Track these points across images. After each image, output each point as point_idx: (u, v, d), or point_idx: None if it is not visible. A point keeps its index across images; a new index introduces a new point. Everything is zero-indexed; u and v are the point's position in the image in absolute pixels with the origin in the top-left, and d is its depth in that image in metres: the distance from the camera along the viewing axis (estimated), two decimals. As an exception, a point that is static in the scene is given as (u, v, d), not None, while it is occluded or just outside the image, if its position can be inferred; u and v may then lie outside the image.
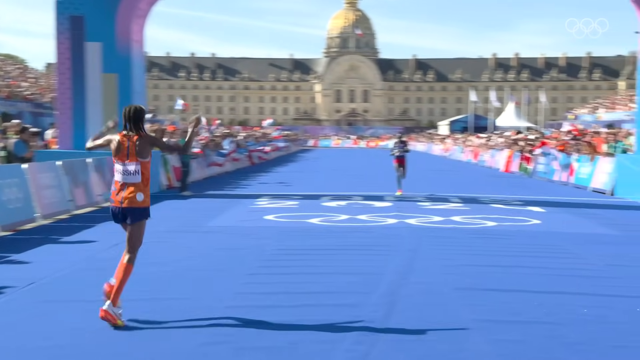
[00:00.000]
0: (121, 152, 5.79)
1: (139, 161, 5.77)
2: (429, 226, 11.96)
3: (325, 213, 13.70)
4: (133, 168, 5.75)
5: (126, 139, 5.80)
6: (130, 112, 5.83)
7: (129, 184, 5.77)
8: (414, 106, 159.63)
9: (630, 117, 54.20)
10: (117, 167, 5.81)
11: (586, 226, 12.25)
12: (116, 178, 5.84)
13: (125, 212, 5.77)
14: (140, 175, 5.78)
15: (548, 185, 22.71)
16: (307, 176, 25.94)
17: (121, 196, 5.77)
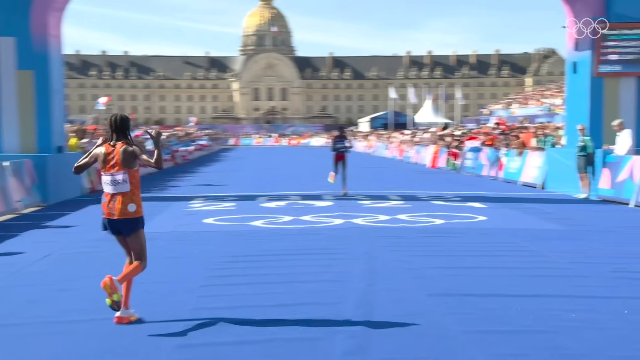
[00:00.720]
0: (107, 163, 5.72)
1: (126, 170, 5.69)
2: (377, 226, 11.54)
3: (267, 215, 13.09)
4: (120, 177, 5.68)
5: (112, 149, 5.74)
6: (115, 121, 5.78)
7: (118, 194, 5.71)
8: (332, 104, 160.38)
9: (542, 112, 55.90)
10: (105, 178, 5.75)
11: (531, 222, 12.11)
12: (105, 189, 5.78)
13: (118, 224, 5.73)
14: (128, 185, 5.71)
15: (478, 180, 22.80)
16: (237, 176, 25.19)
17: (112, 207, 5.72)
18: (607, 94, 17.06)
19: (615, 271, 7.52)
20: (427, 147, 32.95)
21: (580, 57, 17.50)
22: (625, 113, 16.90)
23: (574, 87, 17.99)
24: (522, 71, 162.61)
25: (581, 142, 16.43)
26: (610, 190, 15.63)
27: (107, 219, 5.76)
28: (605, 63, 16.85)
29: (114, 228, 5.77)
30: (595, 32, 16.79)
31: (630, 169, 14.95)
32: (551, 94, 64.28)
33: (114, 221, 5.72)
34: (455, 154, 27.29)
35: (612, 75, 16.93)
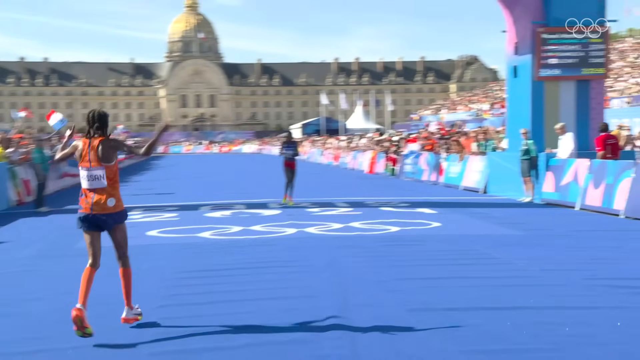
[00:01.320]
0: (84, 158, 5.65)
1: (102, 165, 5.62)
2: (333, 235, 11.14)
3: (213, 225, 12.51)
4: (97, 173, 5.62)
5: (88, 144, 5.67)
6: (93, 116, 5.71)
7: (96, 189, 5.63)
8: (262, 110, 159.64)
9: (471, 117, 56.91)
10: (82, 173, 5.68)
11: (486, 227, 11.94)
12: (82, 185, 5.70)
13: (97, 219, 5.63)
14: (105, 180, 5.64)
15: (418, 185, 22.72)
16: (174, 185, 24.34)
17: (90, 202, 5.63)
18: (547, 98, 17.20)
19: (588, 278, 7.32)
20: (364, 152, 32.83)
21: (521, 61, 17.60)
22: (566, 116, 17.07)
23: (515, 91, 18.08)
24: (446, 77, 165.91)
25: (524, 146, 16.48)
26: (555, 194, 15.71)
27: (84, 214, 5.64)
28: (546, 67, 16.98)
29: (91, 223, 5.64)
30: (535, 36, 16.89)
31: (574, 172, 15.04)
32: (478, 99, 65.51)
33: (93, 216, 5.61)
34: (394, 159, 27.21)
35: (552, 79, 17.08)
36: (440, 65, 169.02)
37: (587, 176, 14.50)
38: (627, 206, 12.85)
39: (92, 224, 5.65)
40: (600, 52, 16.96)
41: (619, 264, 8.18)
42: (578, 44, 16.92)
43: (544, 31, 16.87)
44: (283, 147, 16.80)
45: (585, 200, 14.34)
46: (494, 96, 63.96)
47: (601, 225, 11.90)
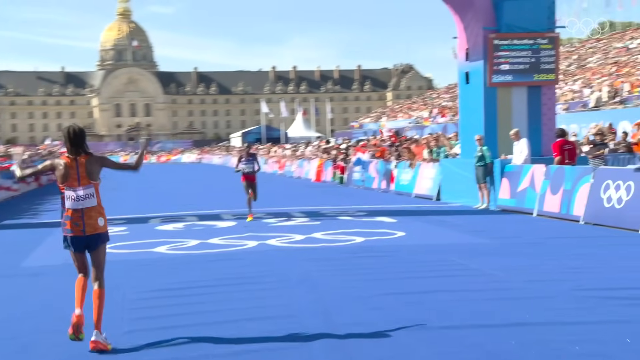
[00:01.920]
0: (71, 177, 5.43)
1: (91, 183, 5.47)
2: (297, 247, 10.68)
3: (168, 239, 11.89)
4: (88, 192, 5.45)
5: (74, 162, 5.44)
6: (73, 133, 5.46)
7: (86, 209, 5.45)
8: (199, 119, 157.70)
9: (411, 124, 57.16)
10: (69, 194, 5.44)
11: (452, 235, 11.69)
12: (69, 206, 5.45)
13: (89, 240, 5.50)
14: (95, 198, 5.50)
15: (370, 193, 22.48)
16: (116, 196, 23.33)
17: (81, 224, 5.44)
18: (500, 104, 17.16)
19: (576, 289, 7.07)
20: (310, 161, 32.46)
21: (473, 68, 17.53)
22: (518, 122, 17.05)
23: (467, 98, 18.00)
24: (383, 86, 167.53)
25: (479, 152, 16.38)
26: (511, 200, 15.64)
27: (73, 237, 5.47)
28: (498, 73, 16.93)
29: (81, 245, 5.50)
30: (487, 42, 16.85)
31: (530, 178, 15.00)
32: (418, 107, 66.07)
33: (84, 238, 5.47)
34: (342, 167, 26.92)
35: (504, 85, 17.05)
36: (376, 73, 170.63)
37: (544, 182, 14.46)
38: (587, 212, 12.82)
39: (81, 246, 5.51)
40: (550, 58, 17.02)
41: (599, 273, 7.98)
42: (529, 50, 16.94)
43: (495, 37, 16.84)
44: (241, 160, 15.22)
45: (543, 207, 14.28)
46: (432, 104, 64.60)
47: (565, 232, 11.80)
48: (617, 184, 12.18)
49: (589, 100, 39.61)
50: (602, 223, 12.27)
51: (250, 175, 15.07)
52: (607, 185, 12.45)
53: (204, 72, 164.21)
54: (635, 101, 34.67)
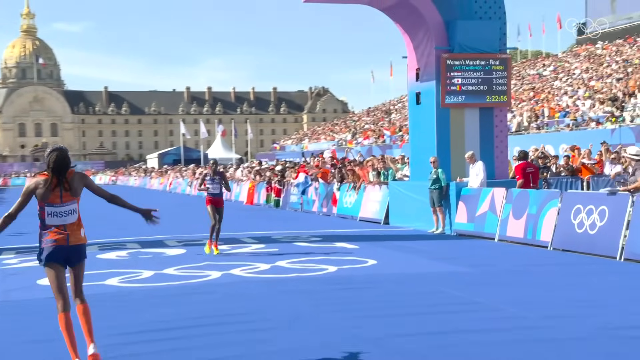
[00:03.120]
0: (53, 194, 5.33)
1: (74, 199, 5.41)
2: (268, 278, 9.74)
3: (116, 269, 10.71)
4: (72, 207, 5.39)
5: (56, 179, 5.32)
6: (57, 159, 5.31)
7: (68, 224, 5.38)
8: (109, 140, 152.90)
9: (335, 146, 56.90)
10: (50, 210, 5.34)
11: (426, 263, 11.02)
12: (50, 222, 5.35)
13: (72, 251, 5.39)
14: (77, 213, 5.45)
15: (311, 216, 21.70)
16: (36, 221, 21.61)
17: (64, 235, 5.35)
18: (453, 125, 16.79)
19: (605, 328, 6.43)
20: (240, 183, 31.38)
21: (424, 88, 17.10)
22: (471, 144, 16.69)
23: (418, 119, 17.53)
24: (299, 108, 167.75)
25: (434, 175, 15.90)
26: (469, 225, 15.17)
27: (56, 247, 5.31)
28: (451, 94, 16.56)
29: (62, 256, 5.35)
30: (440, 62, 16.47)
31: (489, 202, 14.58)
32: (340, 129, 66.01)
33: (67, 248, 5.34)
34: (278, 189, 26.03)
35: (457, 106, 16.69)
36: (292, 96, 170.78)
37: (505, 206, 14.06)
38: (555, 238, 12.42)
39: (62, 257, 5.35)
40: (502, 79, 16.79)
41: (613, 307, 7.41)
42: (481, 70, 16.66)
43: (448, 57, 16.48)
44: (206, 179, 13.23)
45: (506, 232, 13.85)
46: (354, 126, 64.67)
47: (540, 259, 11.31)
48: (588, 209, 11.84)
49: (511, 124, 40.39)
50: (573, 249, 11.88)
51: (217, 199, 13.17)
52: (577, 209, 12.10)
53: (114, 92, 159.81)
54: (556, 126, 35.52)
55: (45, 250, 5.35)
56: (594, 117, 34.54)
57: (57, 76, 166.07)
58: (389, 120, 59.65)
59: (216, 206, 13.14)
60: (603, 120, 33.52)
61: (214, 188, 13.20)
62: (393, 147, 45.95)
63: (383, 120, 60.95)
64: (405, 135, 48.94)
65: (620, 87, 37.55)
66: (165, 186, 47.91)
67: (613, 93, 36.78)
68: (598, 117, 34.39)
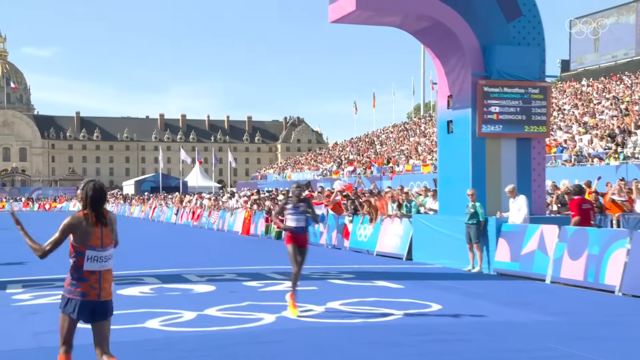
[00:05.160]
0: (94, 236, 4.89)
1: (112, 243, 5.05)
2: (334, 324, 8.45)
3: (149, 309, 9.34)
4: (110, 253, 5.02)
5: (96, 220, 4.92)
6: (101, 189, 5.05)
7: (104, 271, 4.97)
8: (80, 165, 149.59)
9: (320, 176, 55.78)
10: (90, 254, 4.87)
11: (500, 310, 9.69)
12: (87, 267, 4.89)
13: (102, 306, 4.93)
14: (112, 260, 5.06)
15: (322, 250, 20.33)
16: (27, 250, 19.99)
17: (98, 288, 4.90)
18: (488, 156, 15.75)
19: None
20: (235, 212, 29.96)
21: (457, 116, 16.06)
22: (507, 177, 15.65)
23: (449, 148, 16.45)
24: (273, 138, 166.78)
25: (471, 209, 14.79)
26: (512, 264, 14.00)
27: (85, 302, 4.89)
28: (488, 122, 15.55)
29: (89, 312, 4.92)
30: (477, 89, 15.48)
31: (538, 240, 13.44)
32: (324, 159, 64.97)
33: (98, 303, 4.93)
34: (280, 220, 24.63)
35: (493, 136, 15.67)
36: (267, 125, 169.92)
37: (558, 245, 12.93)
38: (625, 282, 11.31)
39: (87, 314, 4.90)
40: (542, 109, 15.86)
41: None
42: (520, 99, 15.71)
43: (485, 84, 15.50)
44: (286, 208, 9.88)
45: (560, 273, 12.71)
46: (338, 156, 63.70)
47: (618, 308, 10.15)
48: (665, 249, 10.79)
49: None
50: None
51: (301, 235, 9.71)
52: (651, 250, 11.04)
53: (86, 117, 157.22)
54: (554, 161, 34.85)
55: (71, 303, 4.88)
56: (593, 152, 34.05)
57: (27, 100, 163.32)
58: (375, 151, 58.81)
59: (299, 245, 9.71)
60: (603, 156, 33.01)
61: (297, 220, 9.69)
62: (383, 178, 45.01)
63: (368, 151, 60.09)
64: (394, 166, 48.10)
65: (617, 124, 37.16)
66: (147, 214, 46.12)
67: (611, 129, 36.34)
68: (597, 152, 33.91)
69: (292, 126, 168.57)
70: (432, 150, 49.23)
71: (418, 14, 15.59)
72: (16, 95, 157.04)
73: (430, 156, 46.99)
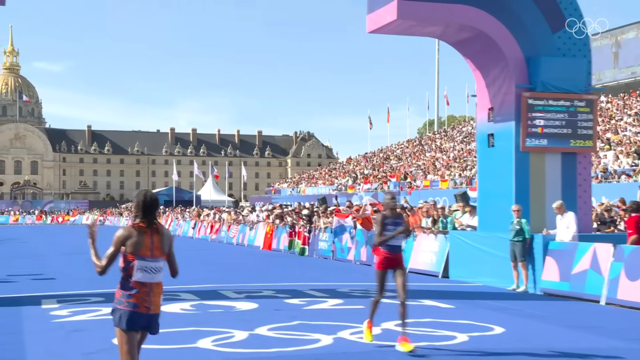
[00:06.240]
0: (144, 246, 4.91)
1: (163, 256, 4.99)
2: (384, 346, 7.89)
3: (197, 327, 8.81)
4: (160, 265, 4.96)
5: (149, 230, 4.95)
6: (150, 199, 5.03)
7: (154, 284, 4.93)
8: (90, 179, 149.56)
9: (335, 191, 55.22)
10: (139, 265, 4.86)
11: (570, 334, 9.05)
12: (138, 279, 4.87)
13: (152, 319, 4.92)
14: (162, 274, 4.99)
15: (350, 266, 19.80)
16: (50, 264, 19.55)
17: (148, 301, 4.88)
18: (532, 171, 15.18)
19: None
20: (256, 226, 29.42)
21: (499, 129, 15.51)
22: (552, 193, 15.08)
23: (490, 163, 15.88)
24: (283, 153, 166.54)
25: (517, 226, 14.19)
26: (561, 284, 13.37)
27: (136, 313, 4.83)
28: (532, 136, 15.00)
29: (140, 323, 4.86)
30: (521, 102, 14.94)
31: (591, 259, 12.81)
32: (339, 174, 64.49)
33: (147, 316, 4.88)
34: (305, 236, 24.11)
35: (538, 150, 15.12)
36: (277, 140, 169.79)
37: (613, 265, 12.30)
38: (691, 302, 10.73)
39: (141, 325, 4.89)
40: (588, 122, 15.29)
41: None
42: (565, 112, 15.17)
43: (530, 96, 14.97)
44: (386, 224, 8.33)
45: (616, 294, 12.08)
46: (353, 171, 63.17)
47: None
48: None
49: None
50: None
51: (396, 255, 8.35)
52: None
53: (97, 131, 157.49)
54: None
55: (124, 316, 4.84)
56: (619, 169, 33.44)
57: (38, 114, 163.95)
58: (390, 166, 58.27)
59: (394, 266, 8.34)
60: (630, 173, 32.38)
61: (395, 238, 8.37)
62: (401, 193, 44.42)
63: (383, 166, 59.56)
64: (412, 181, 47.54)
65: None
66: (163, 228, 45.61)
67: (638, 146, 35.71)
68: (624, 169, 33.30)
69: (302, 141, 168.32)
70: (451, 166, 48.68)
71: (461, 24, 15.10)
72: (28, 109, 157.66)
73: (448, 172, 46.43)
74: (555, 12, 15.43)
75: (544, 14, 15.38)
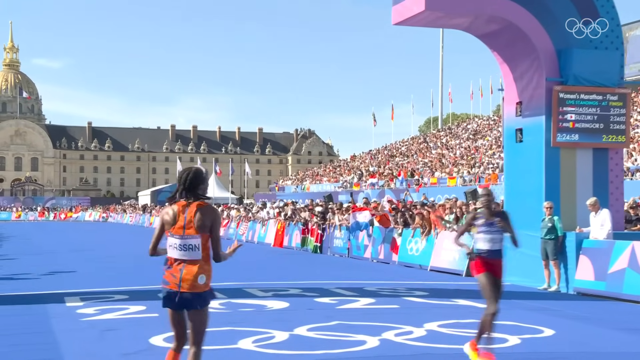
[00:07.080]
0: (177, 223, 4.85)
1: (200, 234, 4.82)
2: (447, 350, 7.45)
3: (233, 327, 8.37)
4: (193, 242, 4.81)
5: (184, 208, 4.87)
6: (187, 176, 4.91)
7: (188, 261, 4.80)
8: (91, 176, 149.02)
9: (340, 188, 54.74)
10: (172, 241, 4.85)
11: (624, 338, 8.69)
12: (170, 254, 4.86)
13: (184, 298, 4.76)
14: (200, 251, 4.82)
15: (368, 264, 19.36)
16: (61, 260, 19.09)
17: (178, 277, 4.78)
18: (563, 167, 14.73)
19: None
20: (266, 223, 28.98)
21: (528, 124, 15.04)
22: (583, 189, 14.63)
23: (518, 158, 15.41)
24: (284, 150, 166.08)
25: (549, 223, 13.76)
26: (596, 283, 12.94)
27: (170, 291, 4.77)
28: (563, 131, 14.55)
29: (177, 303, 4.77)
30: (552, 96, 14.49)
31: (628, 258, 12.35)
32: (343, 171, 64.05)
33: (178, 295, 4.76)
34: (319, 234, 23.65)
35: (568, 146, 14.66)
36: (277, 137, 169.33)
37: (653, 263, 11.91)
38: None
39: (177, 305, 4.77)
40: (621, 117, 14.84)
41: None
42: (597, 106, 14.71)
43: (561, 90, 14.51)
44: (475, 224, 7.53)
45: (658, 294, 11.67)
46: (358, 168, 62.72)
47: None
48: None
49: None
50: None
51: (496, 261, 7.41)
52: None
53: (98, 128, 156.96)
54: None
55: (163, 293, 4.85)
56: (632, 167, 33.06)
57: (38, 111, 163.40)
58: (396, 163, 57.83)
59: (495, 275, 7.35)
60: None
61: (492, 241, 7.39)
62: (409, 190, 43.95)
63: (389, 163, 59.12)
64: (419, 179, 47.10)
65: (657, 138, 36.15)
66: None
67: (653, 143, 35.30)
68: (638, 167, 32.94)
69: (303, 138, 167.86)
70: (458, 163, 48.24)
71: (490, 15, 14.63)
72: (28, 106, 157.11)
73: (456, 169, 45.99)
74: (586, 3, 14.98)
75: (576, 5, 14.92)
